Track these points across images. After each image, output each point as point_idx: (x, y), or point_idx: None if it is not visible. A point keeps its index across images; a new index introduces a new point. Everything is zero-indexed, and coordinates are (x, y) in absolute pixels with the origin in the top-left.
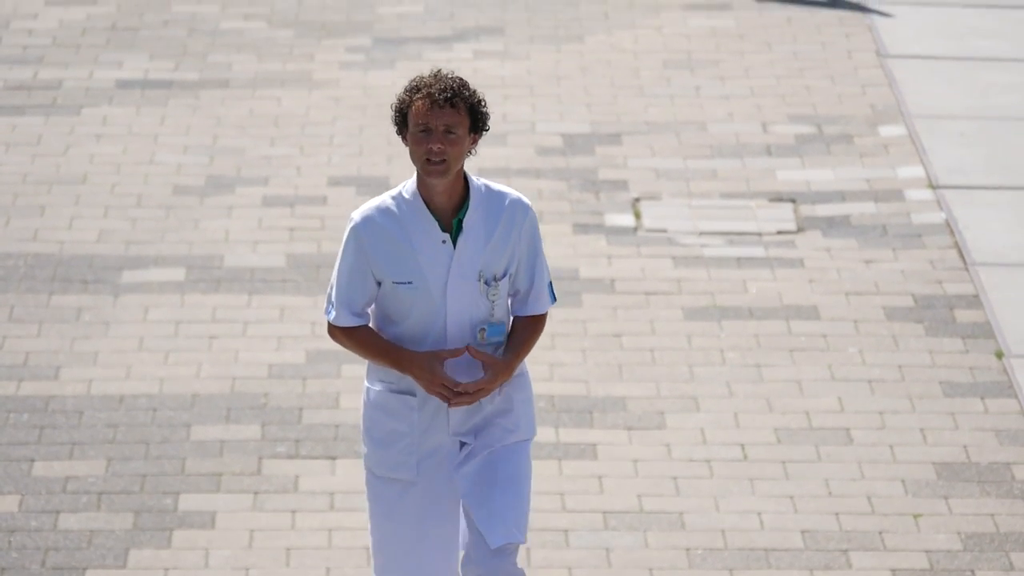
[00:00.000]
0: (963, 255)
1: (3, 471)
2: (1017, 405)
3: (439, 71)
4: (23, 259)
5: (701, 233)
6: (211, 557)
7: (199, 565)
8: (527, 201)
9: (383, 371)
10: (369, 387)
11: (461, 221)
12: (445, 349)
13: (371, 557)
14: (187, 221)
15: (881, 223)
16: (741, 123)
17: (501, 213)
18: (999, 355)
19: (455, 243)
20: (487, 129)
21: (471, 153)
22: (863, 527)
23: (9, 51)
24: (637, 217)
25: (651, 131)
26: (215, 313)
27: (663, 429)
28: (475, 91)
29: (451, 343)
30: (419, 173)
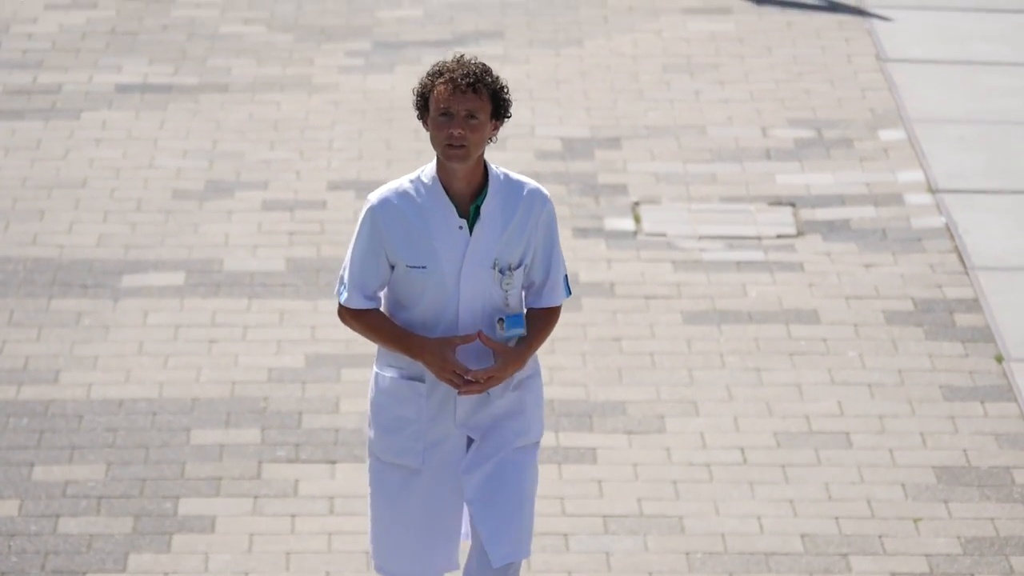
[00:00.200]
0: (963, 259)
1: (3, 475)
2: (1017, 409)
3: (462, 56)
4: (23, 263)
5: (701, 237)
6: (211, 561)
7: (199, 569)
8: (546, 192)
9: (393, 356)
10: (378, 372)
11: (479, 208)
12: (457, 335)
13: (370, 558)
14: (187, 225)
15: (881, 227)
16: (741, 127)
17: (519, 202)
18: (999, 359)
19: (471, 229)
20: (509, 116)
21: (492, 140)
22: (863, 531)
23: (9, 55)
24: (637, 221)
25: (651, 135)
26: (215, 317)
27: (663, 433)
28: (498, 77)
29: (463, 331)
30: (439, 157)
